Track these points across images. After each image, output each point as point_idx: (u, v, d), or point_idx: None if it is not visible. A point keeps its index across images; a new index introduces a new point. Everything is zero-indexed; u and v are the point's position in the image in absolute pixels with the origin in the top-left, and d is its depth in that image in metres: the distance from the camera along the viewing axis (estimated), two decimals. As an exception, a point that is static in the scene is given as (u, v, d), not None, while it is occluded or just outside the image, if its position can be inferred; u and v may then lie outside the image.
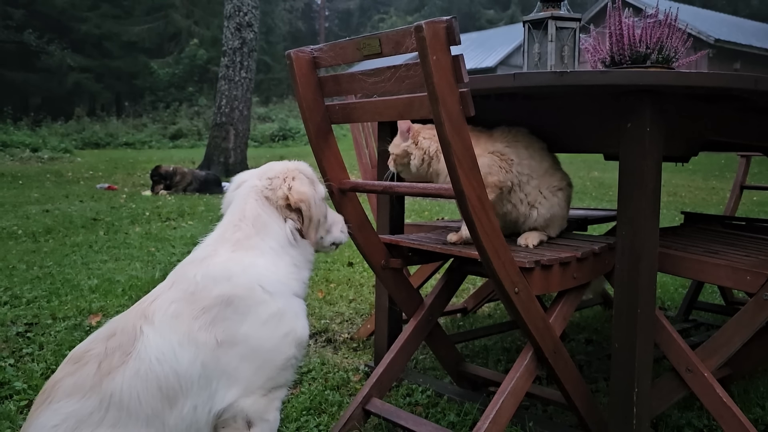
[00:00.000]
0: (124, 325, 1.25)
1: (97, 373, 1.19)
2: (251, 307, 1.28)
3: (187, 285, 1.28)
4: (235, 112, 10.83)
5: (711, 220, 2.74)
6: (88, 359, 1.22)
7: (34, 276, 3.75)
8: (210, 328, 1.24)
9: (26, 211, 6.43)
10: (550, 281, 1.72)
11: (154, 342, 1.22)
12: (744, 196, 3.73)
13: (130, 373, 1.19)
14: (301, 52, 1.73)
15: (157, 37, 32.26)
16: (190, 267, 1.33)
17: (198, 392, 1.23)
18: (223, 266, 1.31)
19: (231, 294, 1.27)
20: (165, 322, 1.24)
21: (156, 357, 1.21)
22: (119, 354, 1.21)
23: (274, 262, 1.38)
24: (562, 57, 2.13)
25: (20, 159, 14.06)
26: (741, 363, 2.12)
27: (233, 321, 1.26)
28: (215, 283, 1.27)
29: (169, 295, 1.28)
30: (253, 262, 1.34)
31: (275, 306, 1.31)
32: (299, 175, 1.50)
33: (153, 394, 1.20)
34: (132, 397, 1.18)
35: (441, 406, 2.18)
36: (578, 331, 3.01)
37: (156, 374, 1.20)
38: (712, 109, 1.84)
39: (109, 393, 1.18)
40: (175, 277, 1.33)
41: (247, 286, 1.29)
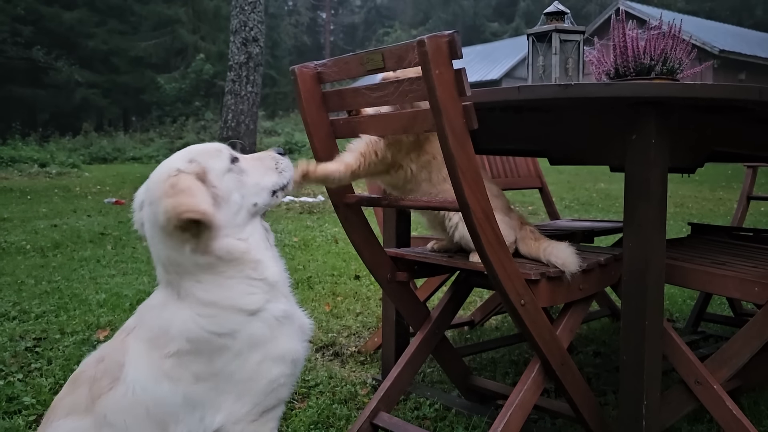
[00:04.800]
0: (111, 352, 1.27)
1: (89, 395, 1.22)
2: (212, 353, 1.24)
3: (149, 332, 1.26)
4: (242, 126, 10.89)
5: (718, 231, 2.73)
6: (82, 381, 1.25)
7: (43, 291, 3.77)
8: (180, 368, 1.23)
9: (34, 226, 6.46)
10: (556, 293, 1.71)
11: (135, 373, 1.22)
12: (751, 207, 3.71)
13: (118, 396, 1.20)
14: (305, 67, 1.75)
15: (164, 52, 32.52)
16: (146, 312, 1.31)
17: (186, 419, 1.23)
18: (170, 320, 1.25)
19: (187, 348, 1.23)
20: (141, 358, 1.23)
21: (140, 386, 1.21)
22: (108, 379, 1.22)
23: (203, 297, 1.24)
24: (566, 69, 2.13)
25: (28, 174, 14.14)
26: (751, 375, 2.10)
27: (199, 364, 1.23)
28: (169, 338, 1.23)
29: (138, 334, 1.27)
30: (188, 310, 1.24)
31: (236, 345, 1.24)
32: (176, 179, 1.21)
33: (142, 418, 1.21)
34: (122, 420, 1.20)
35: (449, 419, 2.17)
36: (586, 344, 2.99)
37: (142, 400, 1.20)
38: (717, 120, 1.84)
39: (103, 414, 1.19)
40: (136, 320, 1.32)
41: (196, 339, 1.23)
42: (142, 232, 1.35)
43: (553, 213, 3.43)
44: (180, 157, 1.31)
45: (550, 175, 7.32)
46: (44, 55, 28.45)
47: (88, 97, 29.83)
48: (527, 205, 8.23)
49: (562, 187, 10.94)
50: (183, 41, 32.40)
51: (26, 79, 29.01)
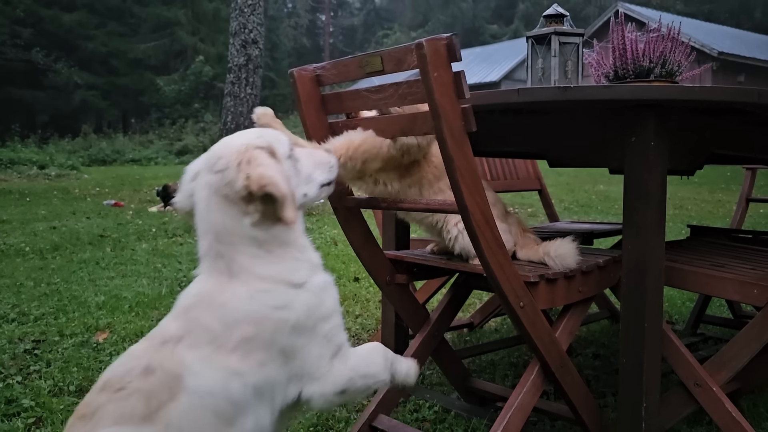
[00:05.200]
0: (161, 363, 1.21)
1: (147, 406, 1.17)
2: (273, 333, 1.25)
3: (206, 333, 1.24)
4: (241, 128, 10.71)
5: (717, 233, 2.73)
6: (131, 391, 1.18)
7: (42, 293, 3.77)
8: (247, 358, 1.23)
9: (33, 228, 6.46)
10: (555, 295, 1.71)
11: (198, 383, 1.20)
12: (750, 209, 3.72)
13: (182, 407, 1.18)
14: (304, 70, 1.75)
15: (163, 54, 32.55)
16: (201, 312, 1.27)
17: (256, 408, 1.24)
18: (231, 304, 1.25)
19: (251, 335, 1.24)
20: (202, 365, 1.21)
21: (206, 392, 1.20)
22: (166, 391, 1.18)
23: (258, 270, 1.27)
24: (565, 72, 2.14)
25: (27, 176, 14.14)
26: (750, 377, 2.11)
27: (263, 349, 1.25)
28: (233, 326, 1.23)
29: (193, 342, 1.23)
30: (247, 288, 1.26)
31: (292, 317, 1.27)
32: (253, 153, 1.24)
33: (210, 420, 1.20)
34: (191, 425, 1.18)
35: (448, 421, 2.17)
36: (585, 346, 2.99)
37: (209, 405, 1.19)
38: (716, 123, 1.84)
39: (165, 423, 1.16)
40: (187, 325, 1.27)
41: (260, 320, 1.25)
42: (183, 206, 1.34)
43: (552, 215, 3.43)
44: (250, 135, 1.32)
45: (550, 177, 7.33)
46: (43, 57, 28.48)
47: (88, 99, 29.85)
48: (526, 207, 8.23)
49: (561, 189, 10.95)
50: (182, 43, 32.43)
51: (25, 81, 29.02)
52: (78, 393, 2.34)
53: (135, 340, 2.87)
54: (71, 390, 2.35)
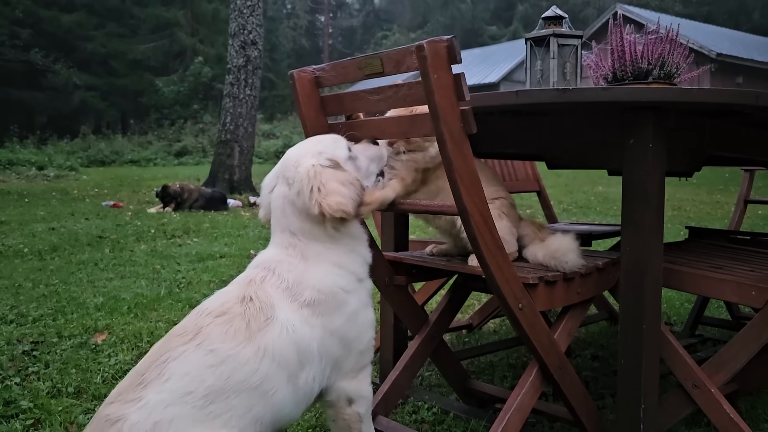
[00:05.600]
0: (255, 293, 1.38)
1: (248, 328, 1.32)
2: (335, 308, 1.45)
3: (282, 281, 1.42)
4: (240, 129, 10.88)
5: (715, 235, 2.74)
6: (233, 315, 1.34)
7: (40, 294, 3.76)
8: (315, 317, 1.41)
9: (32, 229, 6.45)
10: (554, 297, 1.72)
11: (285, 314, 1.38)
12: (749, 210, 3.72)
13: (275, 333, 1.34)
14: (304, 71, 1.75)
15: (163, 55, 32.56)
16: (277, 266, 1.45)
17: (317, 365, 1.42)
18: (304, 273, 1.44)
19: (319, 297, 1.42)
20: (285, 302, 1.40)
21: (291, 325, 1.37)
22: (263, 316, 1.35)
23: (335, 259, 1.48)
24: (564, 74, 2.14)
25: (26, 177, 14.14)
26: (748, 378, 2.11)
27: (326, 317, 1.43)
28: (303, 287, 1.42)
29: (273, 282, 1.42)
30: (322, 269, 1.46)
31: (352, 303, 1.48)
32: (323, 176, 1.44)
33: (293, 354, 1.36)
34: (281, 354, 1.34)
35: (447, 423, 2.17)
36: (584, 347, 3.00)
37: (293, 339, 1.36)
38: (714, 125, 1.85)
39: (263, 346, 1.32)
40: (265, 271, 1.44)
41: (329, 292, 1.44)
42: (264, 211, 1.57)
43: (551, 216, 3.43)
44: (314, 149, 1.52)
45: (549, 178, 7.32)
46: (42, 57, 28.47)
47: (87, 99, 29.84)
48: (525, 209, 8.23)
49: (560, 190, 10.95)
50: (181, 44, 32.44)
51: (24, 82, 29.01)
52: (76, 394, 2.34)
53: (134, 342, 2.88)
54: (70, 391, 2.35)
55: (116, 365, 2.60)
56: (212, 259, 4.98)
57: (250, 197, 9.91)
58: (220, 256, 5.13)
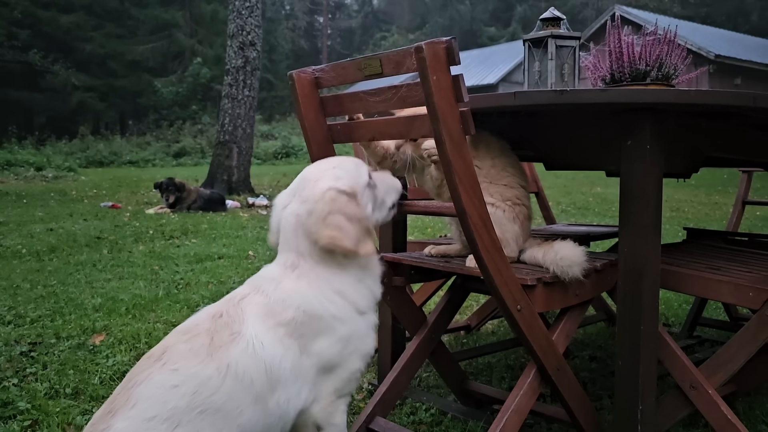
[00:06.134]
0: (227, 309, 1.36)
1: (211, 344, 1.28)
2: (321, 331, 1.39)
3: (264, 298, 1.39)
4: (239, 130, 10.88)
5: (714, 236, 2.74)
6: (199, 331, 1.31)
7: (38, 295, 3.76)
8: (291, 337, 1.36)
9: (30, 230, 6.45)
10: (552, 298, 1.72)
11: (255, 330, 1.33)
12: (747, 211, 3.73)
13: (239, 349, 1.29)
14: (303, 72, 1.75)
15: (161, 56, 32.56)
16: (265, 283, 1.42)
17: (290, 387, 1.35)
18: (291, 292, 1.40)
19: (303, 318, 1.37)
20: (258, 319, 1.35)
21: (259, 342, 1.32)
22: (228, 332, 1.31)
23: (335, 286, 1.43)
24: (562, 75, 2.14)
25: (24, 178, 14.13)
26: (746, 379, 2.11)
27: (307, 338, 1.38)
28: (287, 306, 1.38)
29: (254, 299, 1.39)
30: (315, 291, 1.41)
31: (342, 330, 1.42)
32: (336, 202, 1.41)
33: (260, 374, 1.30)
34: (245, 372, 1.28)
35: (445, 424, 2.17)
36: (582, 348, 3.00)
37: (261, 357, 1.31)
38: (712, 126, 1.85)
39: (226, 363, 1.27)
40: (250, 288, 1.43)
41: (315, 315, 1.39)
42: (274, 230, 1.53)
43: (549, 217, 3.43)
44: (331, 174, 1.48)
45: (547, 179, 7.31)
46: (41, 58, 28.46)
47: (85, 100, 29.83)
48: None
49: (558, 191, 10.96)
50: (180, 45, 32.44)
51: (23, 83, 28.99)
52: (74, 395, 2.34)
53: (132, 343, 2.88)
54: (67, 392, 2.35)
55: (114, 366, 2.60)
56: (210, 260, 4.97)
57: (248, 198, 9.91)
58: (218, 257, 5.13)
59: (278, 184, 12.57)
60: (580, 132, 1.88)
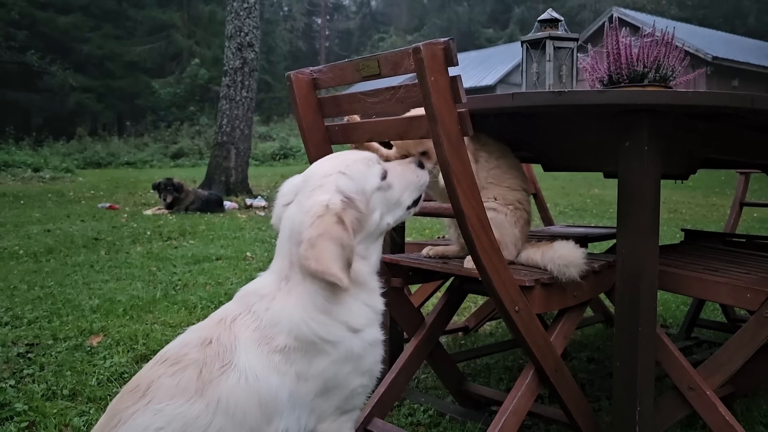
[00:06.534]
0: (218, 336, 1.28)
1: (200, 378, 1.21)
2: (315, 356, 1.31)
3: (257, 321, 1.31)
4: (236, 132, 10.87)
5: (711, 237, 2.75)
6: (187, 363, 1.23)
7: (35, 296, 3.75)
8: (287, 364, 1.28)
9: (27, 231, 6.43)
10: (550, 300, 1.72)
11: (249, 360, 1.25)
12: (744, 213, 3.74)
13: (231, 382, 1.22)
14: (301, 73, 1.75)
15: (159, 57, 32.54)
16: (255, 301, 1.34)
17: (288, 415, 1.28)
18: (280, 316, 1.31)
19: (295, 345, 1.30)
20: (252, 346, 1.27)
21: (253, 374, 1.24)
22: (218, 363, 1.23)
23: (320, 305, 1.32)
24: (560, 76, 2.14)
25: (22, 179, 14.11)
26: (743, 381, 2.11)
27: (302, 363, 1.30)
28: (278, 331, 1.30)
29: (246, 323, 1.31)
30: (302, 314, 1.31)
31: (335, 353, 1.33)
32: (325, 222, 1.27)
33: (254, 407, 1.23)
34: (237, 407, 1.21)
35: (443, 425, 2.16)
36: (580, 350, 3.00)
37: (255, 389, 1.23)
38: (709, 127, 1.85)
39: (216, 398, 1.20)
40: (241, 307, 1.34)
41: (306, 340, 1.30)
42: (275, 222, 1.45)
43: (547, 219, 3.44)
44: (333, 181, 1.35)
45: (545, 180, 7.32)
46: (38, 59, 28.42)
47: (83, 101, 29.80)
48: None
49: (556, 192, 10.97)
50: (178, 46, 32.43)
51: (20, 84, 28.96)
52: (71, 397, 2.34)
53: (129, 344, 2.87)
54: (65, 394, 2.35)
55: (111, 367, 2.60)
56: (208, 261, 4.97)
57: (246, 199, 9.90)
58: (216, 258, 5.12)
59: (276, 185, 12.55)
60: (578, 133, 1.88)
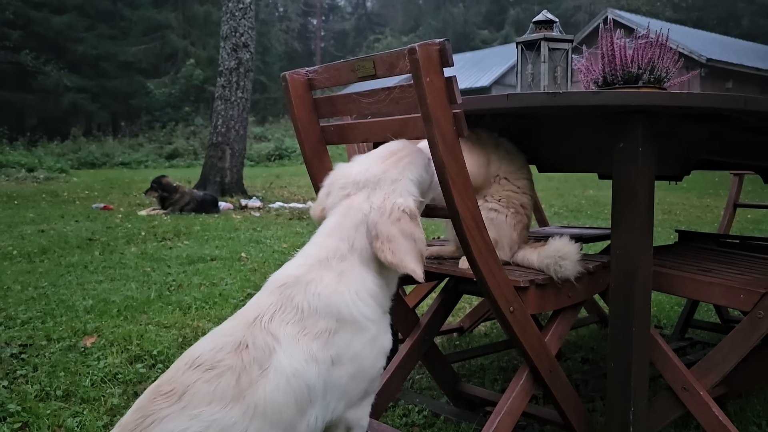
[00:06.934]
0: (253, 340, 1.28)
1: (237, 385, 1.22)
2: (354, 335, 1.36)
3: (296, 312, 1.33)
4: (231, 132, 10.85)
5: (705, 239, 2.76)
6: (223, 369, 1.24)
7: (29, 297, 3.74)
8: (325, 349, 1.32)
9: (21, 232, 6.41)
10: (545, 300, 1.72)
11: (287, 359, 1.27)
12: (738, 214, 3.75)
13: (271, 386, 1.24)
14: (296, 73, 1.75)
15: (154, 57, 32.46)
16: (296, 291, 1.36)
17: (320, 404, 1.32)
18: (326, 298, 1.35)
19: (336, 327, 1.34)
20: (290, 342, 1.30)
21: (292, 372, 1.26)
22: (257, 368, 1.25)
23: (370, 288, 1.41)
24: (555, 77, 2.15)
25: (16, 179, 14.05)
26: (737, 381, 2.12)
27: (340, 346, 1.34)
28: (320, 315, 1.33)
29: (284, 317, 1.33)
30: (353, 293, 1.38)
31: (373, 330, 1.40)
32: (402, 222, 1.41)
33: (290, 405, 1.26)
34: (274, 410, 1.23)
35: (438, 426, 2.17)
36: (575, 350, 3.00)
37: (293, 388, 1.26)
38: (703, 129, 1.86)
39: (253, 404, 1.22)
40: (280, 298, 1.36)
41: (350, 319, 1.36)
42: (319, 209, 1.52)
43: (542, 220, 3.44)
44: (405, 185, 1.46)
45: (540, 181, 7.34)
46: (33, 59, 28.31)
47: (77, 101, 29.69)
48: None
49: (551, 193, 10.99)
50: (173, 46, 32.36)
51: (14, 84, 28.84)
52: (65, 398, 2.33)
53: (123, 345, 2.86)
54: (58, 395, 2.34)
55: (105, 368, 2.59)
56: (203, 262, 4.96)
57: (241, 200, 9.89)
58: (210, 258, 5.11)
59: (271, 185, 12.54)
60: (573, 134, 1.89)
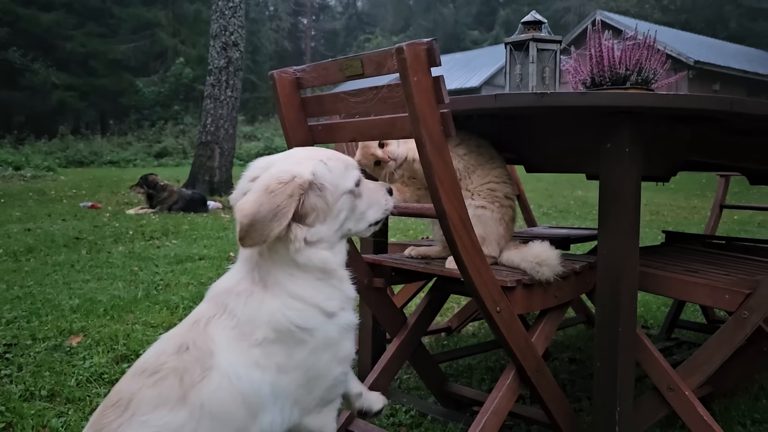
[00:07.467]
0: (194, 340, 1.27)
1: (181, 386, 1.20)
2: (294, 346, 1.31)
3: (232, 320, 1.30)
4: (221, 131, 10.81)
5: (691, 239, 2.77)
6: (167, 372, 1.22)
7: (15, 296, 3.70)
8: (267, 357, 1.28)
9: (7, 230, 6.35)
10: (531, 300, 1.72)
11: (229, 360, 1.25)
12: (724, 215, 3.77)
13: (213, 385, 1.22)
14: (284, 72, 1.74)
15: (143, 55, 32.25)
16: (230, 300, 1.32)
17: (272, 409, 1.29)
18: (258, 308, 1.30)
19: (275, 337, 1.29)
20: (231, 345, 1.27)
21: (234, 373, 1.24)
22: (199, 368, 1.23)
23: (297, 293, 1.31)
24: (543, 78, 2.15)
25: (2, 177, 13.91)
26: (722, 381, 2.14)
27: (283, 356, 1.30)
28: (255, 326, 1.29)
29: (222, 323, 1.30)
30: (279, 304, 1.30)
31: (315, 341, 1.33)
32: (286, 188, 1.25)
33: (238, 406, 1.24)
34: (221, 409, 1.22)
35: (425, 426, 2.17)
36: (562, 350, 3.01)
37: (238, 388, 1.24)
38: (690, 130, 1.87)
39: (199, 404, 1.20)
40: (216, 308, 1.32)
41: (286, 331, 1.29)
42: (236, 198, 1.40)
43: (530, 220, 3.45)
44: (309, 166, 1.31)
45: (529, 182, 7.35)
46: (20, 56, 28.05)
47: (65, 99, 29.45)
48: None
49: (540, 194, 11.03)
50: (162, 45, 32.16)
51: (2, 81, 28.54)
52: (50, 398, 2.31)
53: (109, 344, 2.84)
54: (43, 395, 2.32)
55: (91, 368, 2.57)
56: (191, 261, 4.93)
57: (230, 199, 9.85)
58: (199, 258, 5.09)
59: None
60: (561, 135, 1.89)
